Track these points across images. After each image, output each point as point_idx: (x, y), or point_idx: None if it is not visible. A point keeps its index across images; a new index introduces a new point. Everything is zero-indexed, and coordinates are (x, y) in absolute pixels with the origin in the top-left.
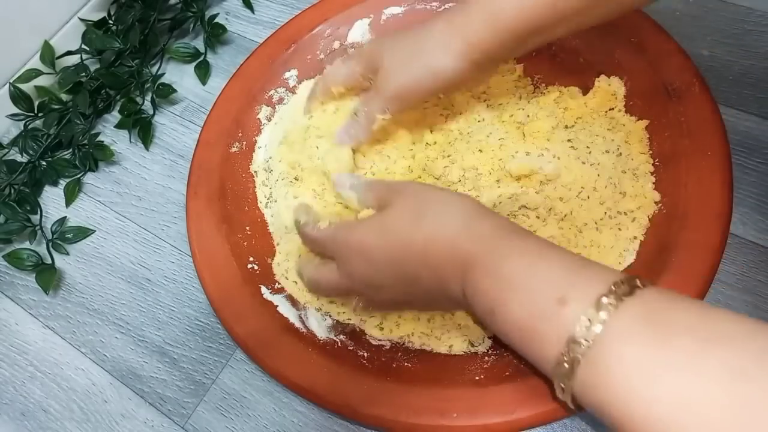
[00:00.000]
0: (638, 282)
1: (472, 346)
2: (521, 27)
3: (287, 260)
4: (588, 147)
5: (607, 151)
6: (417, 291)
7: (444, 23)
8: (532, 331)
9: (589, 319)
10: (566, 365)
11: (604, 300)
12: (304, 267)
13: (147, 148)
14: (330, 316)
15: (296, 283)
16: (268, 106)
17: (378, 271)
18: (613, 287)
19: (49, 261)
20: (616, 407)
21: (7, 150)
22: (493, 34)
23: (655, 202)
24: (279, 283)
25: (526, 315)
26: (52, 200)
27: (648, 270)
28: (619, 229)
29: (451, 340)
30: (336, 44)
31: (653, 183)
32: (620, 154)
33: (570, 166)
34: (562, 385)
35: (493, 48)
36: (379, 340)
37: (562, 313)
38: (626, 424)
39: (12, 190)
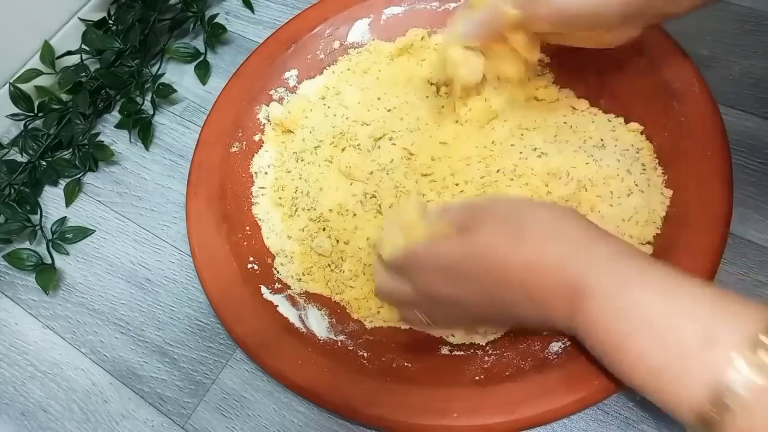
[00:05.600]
0: None
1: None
2: None
3: (291, 261)
4: (589, 148)
5: (608, 152)
6: (507, 314)
7: None
8: (668, 375)
9: (745, 362)
10: (713, 414)
11: (763, 338)
12: (378, 273)
13: (147, 148)
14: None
15: (299, 280)
16: (268, 106)
17: (459, 289)
18: None
19: (49, 261)
20: None
21: (7, 150)
22: None
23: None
24: (279, 283)
25: (662, 356)
26: (52, 200)
27: None
28: (621, 231)
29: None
30: (336, 44)
31: (653, 183)
32: (621, 154)
33: (572, 166)
34: None
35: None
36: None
37: (710, 354)
38: None
39: (12, 190)
